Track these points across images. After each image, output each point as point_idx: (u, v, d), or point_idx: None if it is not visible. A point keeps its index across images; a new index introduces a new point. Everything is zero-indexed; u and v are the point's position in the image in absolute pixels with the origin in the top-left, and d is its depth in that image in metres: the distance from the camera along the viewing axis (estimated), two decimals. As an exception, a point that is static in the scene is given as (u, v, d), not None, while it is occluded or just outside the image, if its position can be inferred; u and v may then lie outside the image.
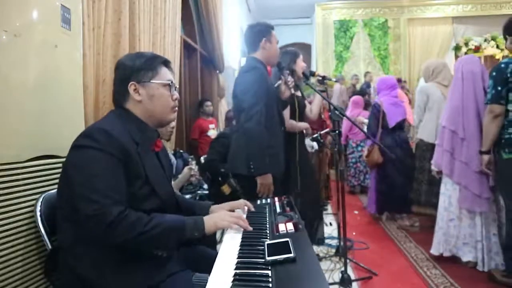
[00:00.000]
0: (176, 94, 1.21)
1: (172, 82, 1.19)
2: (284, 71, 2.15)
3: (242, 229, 1.15)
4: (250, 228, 1.16)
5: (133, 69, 1.14)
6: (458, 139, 2.37)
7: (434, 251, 2.54)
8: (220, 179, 2.61)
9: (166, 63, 1.21)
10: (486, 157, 2.20)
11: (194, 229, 1.07)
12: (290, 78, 2.16)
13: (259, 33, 2.00)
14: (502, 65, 2.08)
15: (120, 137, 1.04)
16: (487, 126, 2.16)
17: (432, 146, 2.80)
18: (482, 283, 2.20)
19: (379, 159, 3.36)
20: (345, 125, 4.70)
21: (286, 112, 2.36)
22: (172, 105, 1.19)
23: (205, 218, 1.12)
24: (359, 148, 4.82)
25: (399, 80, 5.79)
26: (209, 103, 4.24)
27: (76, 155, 1.03)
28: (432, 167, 2.61)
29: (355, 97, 5.02)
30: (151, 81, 1.15)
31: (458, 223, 2.42)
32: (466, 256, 2.38)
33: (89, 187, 0.96)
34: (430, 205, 3.01)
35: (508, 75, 2.04)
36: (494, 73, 2.10)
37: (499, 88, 2.06)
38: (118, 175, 1.01)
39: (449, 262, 2.48)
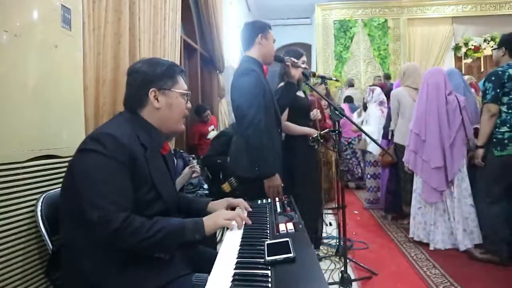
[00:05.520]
0: (189, 104, 1.23)
1: (189, 92, 1.22)
2: (286, 57, 2.11)
3: (242, 229, 1.15)
4: (250, 222, 1.17)
5: (155, 76, 1.15)
6: (421, 141, 2.76)
7: (411, 234, 2.92)
8: (220, 177, 2.61)
9: (183, 73, 1.23)
10: (481, 151, 2.47)
11: (194, 231, 1.06)
12: (293, 59, 2.11)
13: (256, 29, 1.98)
14: (500, 72, 2.38)
15: (128, 142, 1.04)
16: (484, 123, 2.43)
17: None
18: (482, 282, 2.21)
19: (392, 160, 3.48)
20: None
21: (284, 115, 2.34)
22: (184, 115, 1.22)
23: (204, 219, 1.11)
24: (351, 145, 5.28)
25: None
26: (207, 112, 4.15)
27: (83, 159, 1.03)
28: (405, 164, 2.97)
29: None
30: (171, 89, 1.16)
31: (424, 210, 2.82)
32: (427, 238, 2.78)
33: (95, 192, 0.96)
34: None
35: (505, 80, 2.34)
36: (493, 78, 2.39)
37: (498, 91, 2.35)
38: (124, 181, 1.01)
39: (448, 258, 2.52)
